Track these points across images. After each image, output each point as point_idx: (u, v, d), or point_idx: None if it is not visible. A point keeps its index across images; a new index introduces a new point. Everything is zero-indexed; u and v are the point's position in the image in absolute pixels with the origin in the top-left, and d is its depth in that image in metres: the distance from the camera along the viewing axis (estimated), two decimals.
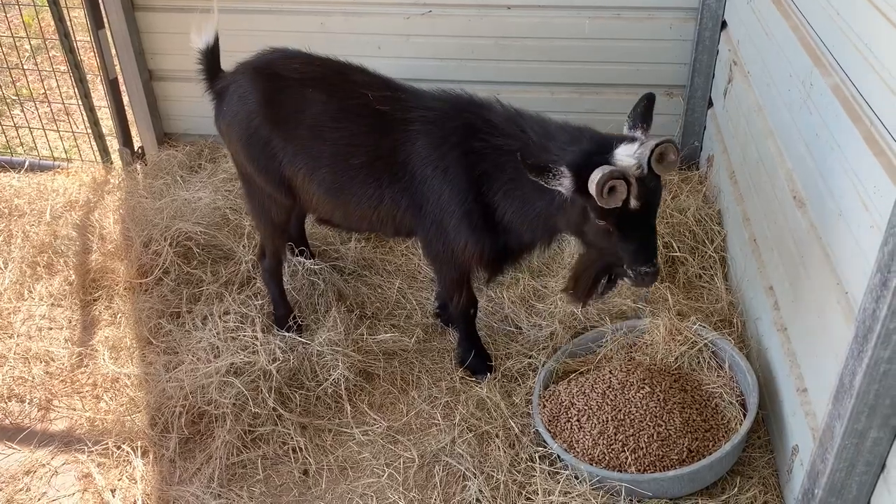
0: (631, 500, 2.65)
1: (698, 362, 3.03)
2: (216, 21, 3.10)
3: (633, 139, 2.43)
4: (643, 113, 2.52)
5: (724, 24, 4.04)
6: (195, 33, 3.09)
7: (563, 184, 2.42)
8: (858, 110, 2.25)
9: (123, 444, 2.96)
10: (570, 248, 3.76)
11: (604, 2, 4.15)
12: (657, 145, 2.34)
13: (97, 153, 4.84)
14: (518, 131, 2.70)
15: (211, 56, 3.14)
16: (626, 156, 2.36)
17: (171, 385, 3.08)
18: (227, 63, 3.21)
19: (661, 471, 2.66)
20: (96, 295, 3.69)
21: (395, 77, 3.07)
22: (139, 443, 2.96)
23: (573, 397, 2.91)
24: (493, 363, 3.25)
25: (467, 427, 2.96)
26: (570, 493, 2.67)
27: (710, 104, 4.28)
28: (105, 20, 4.47)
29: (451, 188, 2.81)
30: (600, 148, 2.42)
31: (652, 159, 2.35)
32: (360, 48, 4.23)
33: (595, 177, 2.29)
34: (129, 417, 3.05)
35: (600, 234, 2.52)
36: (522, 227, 2.82)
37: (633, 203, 2.37)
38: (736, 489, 2.69)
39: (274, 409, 3.01)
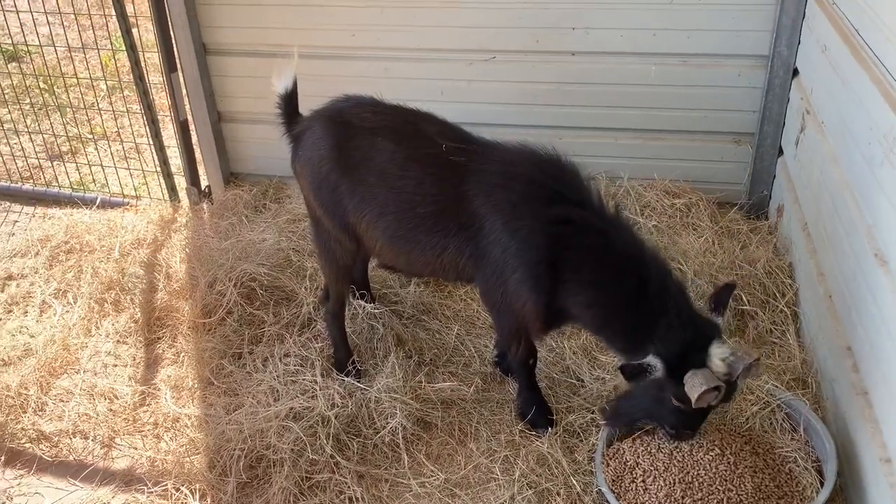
0: None
1: (770, 424, 2.91)
2: (295, 66, 3.17)
3: (721, 336, 2.60)
4: (724, 301, 2.71)
5: (795, 72, 3.95)
6: (276, 78, 3.17)
7: (656, 374, 2.57)
8: None
9: (182, 486, 2.96)
10: None
11: (671, 48, 4.10)
12: (751, 364, 2.53)
13: (165, 191, 4.97)
14: (635, 260, 2.69)
15: (289, 100, 3.22)
16: (720, 360, 2.51)
17: (230, 427, 3.08)
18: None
19: None
20: (160, 333, 3.75)
21: (455, 121, 3.08)
22: (198, 486, 2.96)
23: (638, 457, 2.81)
24: (554, 417, 3.17)
25: (527, 483, 2.87)
26: None
27: (780, 152, 4.16)
28: (178, 63, 4.62)
29: (520, 245, 2.79)
30: (699, 340, 2.55)
31: (742, 374, 2.53)
32: (422, 93, 4.26)
33: (697, 386, 2.45)
34: (188, 459, 3.06)
35: (668, 404, 2.64)
36: (581, 321, 2.89)
37: (713, 403, 2.55)
38: None
39: (332, 456, 2.98)
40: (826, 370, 3.08)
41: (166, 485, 2.97)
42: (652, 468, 2.75)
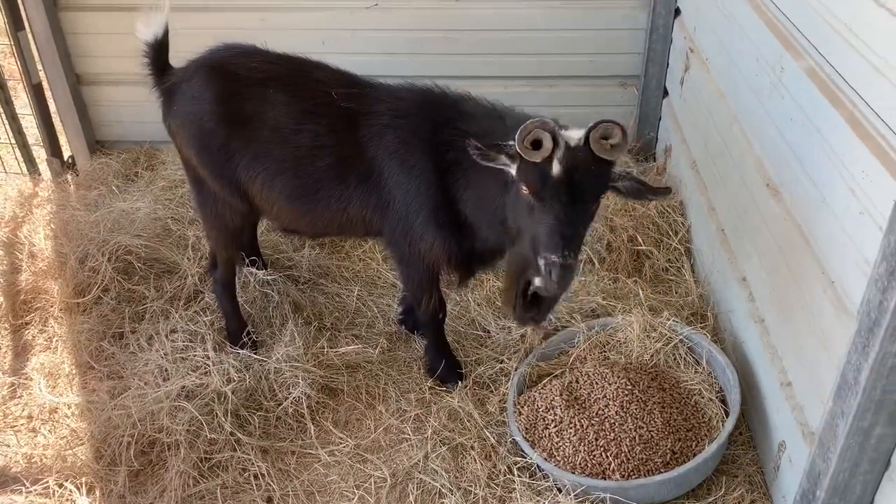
0: None
1: (675, 359, 2.94)
2: (167, 12, 2.87)
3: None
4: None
5: (677, 11, 3.97)
6: (142, 24, 2.86)
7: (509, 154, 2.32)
8: (839, 93, 2.17)
9: (66, 481, 2.69)
10: None
11: None
12: (598, 123, 2.23)
13: (23, 165, 4.49)
14: (496, 117, 2.62)
15: (159, 50, 2.92)
16: (571, 133, 2.29)
17: (116, 413, 2.83)
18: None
19: (645, 475, 2.55)
20: (28, 318, 3.39)
21: None
22: (84, 479, 2.70)
23: (550, 402, 2.77)
24: (463, 370, 3.10)
25: (440, 440, 2.80)
26: None
27: (666, 93, 4.21)
28: (25, 21, 4.16)
29: (418, 183, 2.69)
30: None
31: (591, 135, 2.23)
32: (303, 44, 3.94)
33: (520, 127, 2.21)
34: (71, 451, 2.79)
35: (524, 209, 2.34)
36: (482, 223, 2.71)
37: (556, 167, 2.21)
38: (722, 490, 2.61)
39: (231, 433, 2.79)
40: (722, 302, 3.15)
41: (47, 482, 2.70)
42: (564, 413, 2.72)
